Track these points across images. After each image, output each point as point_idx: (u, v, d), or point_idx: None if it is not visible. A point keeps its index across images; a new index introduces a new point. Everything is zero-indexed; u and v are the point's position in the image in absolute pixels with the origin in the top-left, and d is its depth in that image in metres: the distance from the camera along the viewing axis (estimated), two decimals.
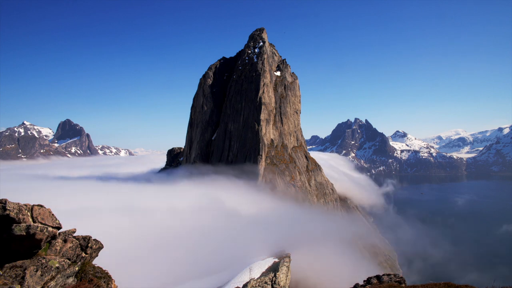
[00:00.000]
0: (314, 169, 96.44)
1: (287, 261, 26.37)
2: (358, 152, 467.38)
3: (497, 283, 12.92)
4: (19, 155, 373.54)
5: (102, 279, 9.64)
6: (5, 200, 7.90)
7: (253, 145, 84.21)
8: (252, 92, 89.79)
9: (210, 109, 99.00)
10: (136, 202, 67.73)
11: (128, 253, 38.63)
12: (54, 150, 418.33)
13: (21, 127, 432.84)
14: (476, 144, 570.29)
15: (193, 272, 37.28)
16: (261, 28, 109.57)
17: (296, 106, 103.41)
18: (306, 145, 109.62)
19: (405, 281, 16.23)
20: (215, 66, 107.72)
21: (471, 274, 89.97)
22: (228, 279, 32.28)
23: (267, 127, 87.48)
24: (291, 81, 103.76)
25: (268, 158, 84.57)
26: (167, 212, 60.72)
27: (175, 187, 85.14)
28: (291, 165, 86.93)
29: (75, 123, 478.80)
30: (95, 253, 10.30)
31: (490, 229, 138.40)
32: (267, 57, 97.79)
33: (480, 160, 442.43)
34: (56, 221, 8.99)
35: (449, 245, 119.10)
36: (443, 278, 76.90)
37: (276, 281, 22.46)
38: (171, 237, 48.90)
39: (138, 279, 32.53)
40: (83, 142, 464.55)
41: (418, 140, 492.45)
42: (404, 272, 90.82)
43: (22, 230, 7.82)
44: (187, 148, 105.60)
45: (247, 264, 35.56)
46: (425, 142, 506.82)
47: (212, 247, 45.38)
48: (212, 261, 40.21)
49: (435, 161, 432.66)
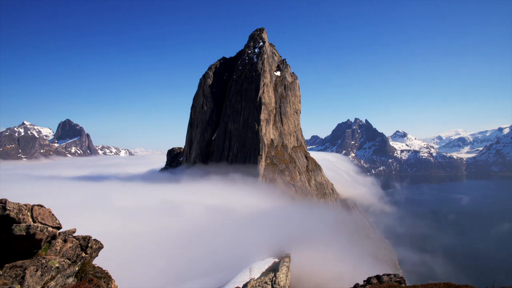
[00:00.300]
0: (314, 169, 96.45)
1: (287, 261, 26.37)
2: (358, 152, 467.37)
3: (497, 283, 12.92)
4: (19, 155, 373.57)
5: (102, 279, 9.64)
6: (5, 200, 7.90)
7: (253, 145, 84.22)
8: (252, 92, 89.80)
9: (210, 109, 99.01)
10: (136, 202, 67.77)
11: (128, 253, 38.63)
12: (54, 150, 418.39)
13: (21, 127, 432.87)
14: (476, 144, 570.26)
15: (193, 272, 37.27)
16: (261, 28, 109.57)
17: (296, 106, 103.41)
18: (306, 145, 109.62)
19: (405, 281, 16.23)
20: (215, 66, 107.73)
21: (471, 274, 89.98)
22: (228, 279, 32.28)
23: (267, 127, 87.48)
24: (291, 81, 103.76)
25: (268, 158, 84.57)
26: (167, 212, 60.73)
27: (174, 187, 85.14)
28: (291, 165, 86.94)
29: (75, 123, 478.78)
30: (95, 253, 10.30)
31: (490, 229, 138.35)
32: (267, 57, 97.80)
33: (480, 160, 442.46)
34: (56, 221, 8.98)
35: (449, 245, 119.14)
36: (443, 278, 76.94)
37: (276, 281, 22.47)
38: (170, 237, 48.91)
39: (138, 279, 32.52)
40: (83, 142, 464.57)
41: (418, 140, 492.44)
42: (404, 272, 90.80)
43: (22, 230, 7.82)
44: (187, 148, 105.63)
45: (247, 264, 35.55)
46: (425, 142, 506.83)
47: (212, 247, 45.39)
48: (212, 261, 40.20)
49: (435, 161, 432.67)
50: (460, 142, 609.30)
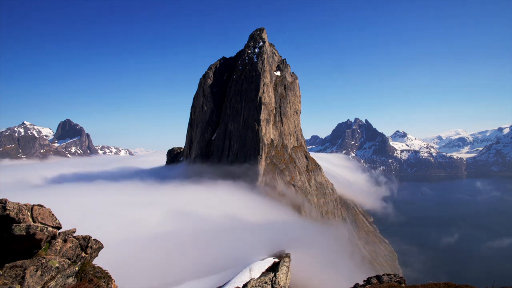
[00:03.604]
0: (314, 169, 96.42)
1: (287, 261, 26.32)
2: (358, 152, 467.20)
3: (497, 283, 12.92)
4: (19, 155, 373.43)
5: (102, 279, 9.63)
6: (5, 200, 7.90)
7: (253, 145, 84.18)
8: (252, 92, 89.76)
9: (210, 109, 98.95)
10: (136, 202, 67.71)
11: (128, 253, 38.63)
12: (54, 150, 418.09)
13: (21, 127, 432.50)
14: (476, 144, 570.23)
15: (193, 272, 37.29)
16: (261, 28, 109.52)
17: (296, 106, 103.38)
18: (306, 145, 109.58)
19: (405, 281, 16.23)
20: (215, 66, 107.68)
21: (471, 273, 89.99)
22: (228, 279, 32.27)
23: (267, 127, 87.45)
24: (291, 81, 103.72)
25: (268, 158, 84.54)
26: (167, 213, 60.70)
27: (174, 187, 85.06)
28: (291, 165, 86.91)
29: (75, 123, 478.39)
30: (95, 253, 10.29)
31: (490, 229, 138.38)
32: (267, 57, 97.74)
33: (480, 160, 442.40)
34: (56, 221, 8.98)
35: (449, 245, 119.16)
36: (443, 278, 76.91)
37: (276, 281, 22.47)
38: (170, 237, 48.90)
39: (138, 279, 32.54)
40: (83, 142, 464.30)
41: (418, 140, 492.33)
42: (404, 272, 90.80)
43: (22, 230, 7.81)
44: (187, 148, 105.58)
45: (247, 264, 35.54)
46: (425, 142, 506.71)
47: (212, 247, 45.41)
48: (212, 261, 40.22)
49: (435, 161, 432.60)
50: (460, 142, 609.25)
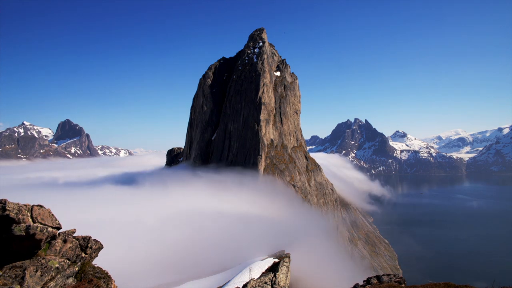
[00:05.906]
0: (314, 169, 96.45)
1: (287, 261, 26.29)
2: (358, 152, 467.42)
3: (497, 283, 12.92)
4: (19, 155, 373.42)
5: (102, 279, 9.62)
6: (5, 200, 7.89)
7: (253, 145, 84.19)
8: (252, 92, 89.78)
9: (210, 109, 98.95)
10: (135, 202, 67.73)
11: (128, 253, 38.63)
12: (54, 151, 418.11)
13: (21, 127, 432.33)
14: (476, 144, 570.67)
15: (193, 272, 37.30)
16: (261, 28, 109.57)
17: (296, 106, 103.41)
18: (306, 145, 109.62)
19: (405, 281, 16.22)
20: (215, 66, 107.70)
21: (471, 274, 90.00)
22: (228, 279, 32.27)
23: (267, 127, 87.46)
24: (291, 81, 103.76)
25: (268, 158, 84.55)
26: (167, 214, 60.69)
27: (173, 188, 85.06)
28: (291, 165, 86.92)
29: (74, 123, 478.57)
30: (95, 253, 10.28)
31: (490, 229, 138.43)
32: (267, 57, 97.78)
33: (480, 160, 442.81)
34: (56, 221, 8.97)
35: (449, 245, 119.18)
36: (443, 278, 76.97)
37: (276, 281, 22.45)
38: (170, 237, 48.90)
39: (138, 279, 32.53)
40: (83, 142, 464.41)
41: (418, 140, 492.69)
42: (404, 272, 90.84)
43: (21, 230, 7.80)
44: (187, 148, 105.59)
45: (247, 264, 35.56)
46: (425, 142, 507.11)
47: (212, 247, 45.41)
48: (212, 261, 40.24)
49: (435, 161, 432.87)
50: (460, 142, 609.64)
